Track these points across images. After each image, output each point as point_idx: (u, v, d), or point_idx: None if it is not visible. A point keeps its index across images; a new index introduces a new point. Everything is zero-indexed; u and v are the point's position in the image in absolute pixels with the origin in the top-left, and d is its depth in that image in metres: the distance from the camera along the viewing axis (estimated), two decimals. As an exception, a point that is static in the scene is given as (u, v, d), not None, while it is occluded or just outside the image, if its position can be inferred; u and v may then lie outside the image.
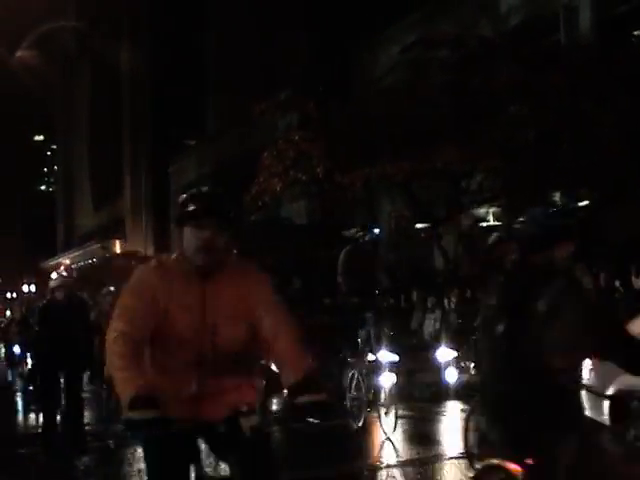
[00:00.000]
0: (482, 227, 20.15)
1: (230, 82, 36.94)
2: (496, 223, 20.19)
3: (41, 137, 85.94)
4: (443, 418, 11.70)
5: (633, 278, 12.99)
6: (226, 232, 3.58)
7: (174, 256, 3.69)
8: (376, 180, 17.87)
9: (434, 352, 13.60)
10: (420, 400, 12.71)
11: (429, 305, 16.80)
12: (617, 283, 13.40)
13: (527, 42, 16.55)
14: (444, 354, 13.37)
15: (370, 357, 10.86)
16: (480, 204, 19.49)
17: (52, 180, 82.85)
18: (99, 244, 48.05)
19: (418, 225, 21.29)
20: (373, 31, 24.28)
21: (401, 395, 10.91)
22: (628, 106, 14.08)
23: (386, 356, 10.62)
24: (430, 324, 16.08)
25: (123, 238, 48.31)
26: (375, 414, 9.95)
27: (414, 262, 22.18)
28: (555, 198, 16.94)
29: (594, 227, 16.08)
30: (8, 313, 30.97)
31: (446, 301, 16.66)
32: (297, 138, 19.34)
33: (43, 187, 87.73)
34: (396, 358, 11.07)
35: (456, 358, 13.36)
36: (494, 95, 15.72)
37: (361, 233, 10.75)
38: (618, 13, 17.84)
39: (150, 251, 41.68)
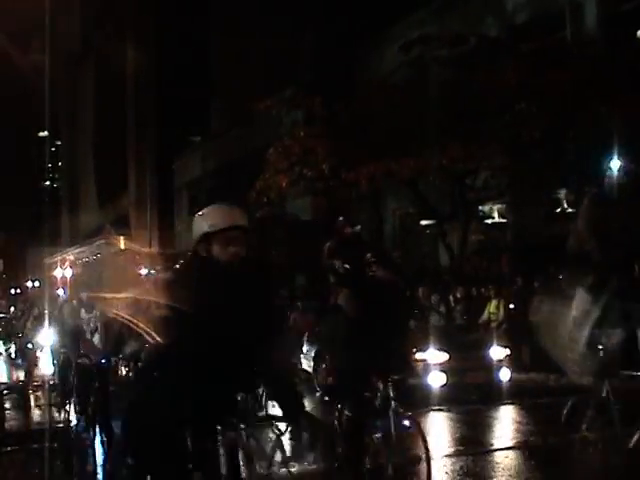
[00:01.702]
0: (488, 224, 20.16)
1: (235, 79, 36.94)
2: (501, 220, 20.22)
3: (45, 133, 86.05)
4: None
5: (636, 276, 13.01)
6: None
7: None
8: (381, 177, 17.87)
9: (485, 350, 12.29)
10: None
11: (433, 302, 16.84)
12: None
13: (533, 39, 16.54)
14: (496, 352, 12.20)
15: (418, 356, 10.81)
16: (485, 201, 19.49)
17: (56, 176, 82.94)
18: (104, 240, 48.02)
19: (423, 222, 21.29)
20: (378, 29, 24.25)
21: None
22: (634, 102, 14.07)
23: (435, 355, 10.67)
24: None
25: (128, 234, 48.30)
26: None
27: (419, 259, 22.18)
28: (560, 195, 16.97)
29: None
30: (12, 309, 31.00)
31: (451, 298, 16.70)
32: (302, 135, 19.36)
33: (47, 183, 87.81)
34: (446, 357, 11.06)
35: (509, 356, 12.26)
36: (499, 92, 15.72)
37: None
38: (623, 10, 17.83)
39: (155, 247, 41.70)
